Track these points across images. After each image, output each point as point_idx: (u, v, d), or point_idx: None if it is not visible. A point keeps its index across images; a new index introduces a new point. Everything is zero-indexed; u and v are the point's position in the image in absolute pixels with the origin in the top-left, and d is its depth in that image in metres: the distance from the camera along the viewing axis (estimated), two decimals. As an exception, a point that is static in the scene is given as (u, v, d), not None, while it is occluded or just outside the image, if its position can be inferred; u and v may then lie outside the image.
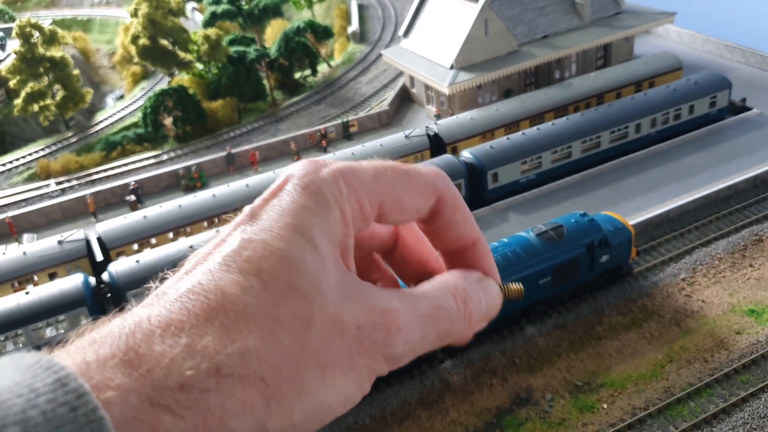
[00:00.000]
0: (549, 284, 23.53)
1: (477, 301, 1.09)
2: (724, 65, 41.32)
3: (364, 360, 0.91)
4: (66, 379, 0.72)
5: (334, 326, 0.89)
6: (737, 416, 20.43)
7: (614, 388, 21.78)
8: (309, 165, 0.98)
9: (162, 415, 0.77)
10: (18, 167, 42.63)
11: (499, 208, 30.35)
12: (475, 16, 36.65)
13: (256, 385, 0.82)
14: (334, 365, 0.89)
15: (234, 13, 48.35)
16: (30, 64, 43.63)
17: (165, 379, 0.79)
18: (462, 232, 1.15)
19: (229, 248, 0.90)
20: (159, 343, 0.80)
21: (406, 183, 1.06)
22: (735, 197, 29.88)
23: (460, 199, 1.14)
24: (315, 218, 0.92)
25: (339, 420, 21.63)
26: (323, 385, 0.88)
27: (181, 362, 0.80)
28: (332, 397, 0.89)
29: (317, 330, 0.88)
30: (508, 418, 21.22)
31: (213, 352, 0.81)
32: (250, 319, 0.84)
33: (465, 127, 34.30)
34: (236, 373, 0.81)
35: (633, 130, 33.38)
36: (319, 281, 0.89)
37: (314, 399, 0.87)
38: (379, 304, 0.95)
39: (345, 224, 0.96)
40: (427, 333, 0.99)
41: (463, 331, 1.05)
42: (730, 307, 24.41)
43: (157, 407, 0.77)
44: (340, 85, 48.13)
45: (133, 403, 0.76)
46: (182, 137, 42.95)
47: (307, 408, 0.87)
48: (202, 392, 0.79)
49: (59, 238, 27.66)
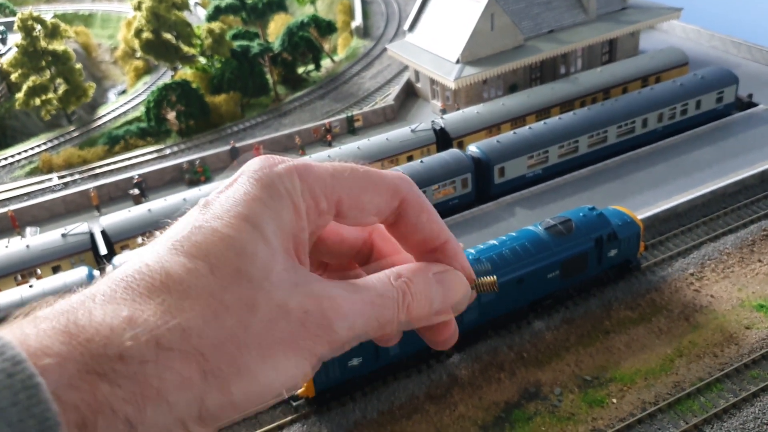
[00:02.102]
0: (558, 278, 23.37)
1: (423, 292, 1.11)
2: (730, 61, 41.13)
3: (307, 343, 0.94)
4: (3, 348, 0.75)
5: (279, 312, 0.92)
6: (748, 411, 20.28)
7: (623, 383, 21.62)
8: (265, 160, 1.02)
9: (99, 383, 0.79)
10: (20, 161, 42.42)
11: (505, 203, 30.17)
12: (481, 10, 36.45)
13: (195, 361, 0.85)
14: (276, 348, 0.91)
15: (238, 7, 48.13)
16: (32, 58, 43.37)
17: (104, 348, 0.81)
18: (429, 233, 1.18)
19: (179, 233, 0.93)
20: (100, 316, 0.83)
21: (364, 182, 1.10)
22: (743, 192, 29.71)
23: (425, 201, 1.18)
24: (266, 209, 0.97)
25: (346, 414, 21.49)
26: (263, 366, 0.90)
27: (121, 333, 0.82)
28: (273, 377, 0.91)
29: (262, 314, 0.91)
30: (517, 413, 21.06)
31: (153, 326, 0.83)
32: (193, 298, 0.87)
33: (471, 121, 34.12)
34: (176, 347, 0.84)
35: (640, 125, 33.21)
36: (267, 270, 0.93)
37: (254, 378, 0.90)
38: (324, 292, 0.98)
39: (298, 218, 1.00)
40: (369, 320, 1.03)
41: (402, 319, 1.08)
42: (739, 302, 24.25)
43: (94, 375, 0.79)
44: (343, 80, 47.91)
45: (70, 371, 0.78)
46: (185, 132, 42.75)
47: (247, 387, 0.89)
48: (140, 363, 0.81)
49: (63, 231, 27.48)
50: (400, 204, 1.15)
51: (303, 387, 20.96)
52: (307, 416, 21.48)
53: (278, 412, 21.77)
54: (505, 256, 22.53)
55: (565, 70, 41.03)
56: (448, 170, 29.23)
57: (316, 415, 21.46)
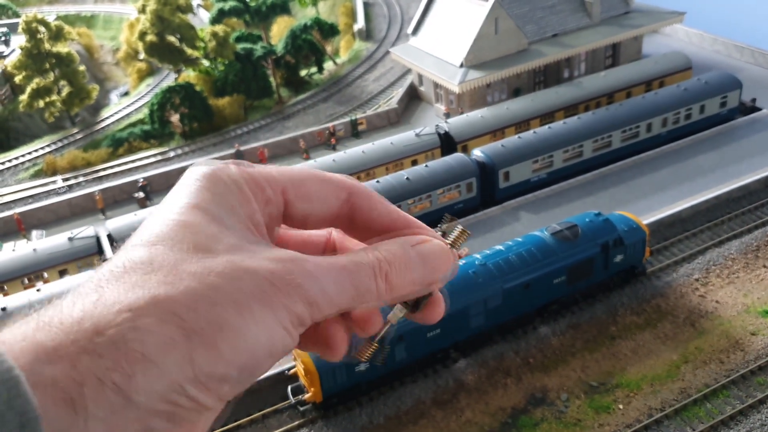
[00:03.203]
0: (564, 284, 23.43)
1: (401, 260, 1.13)
2: (734, 65, 41.20)
3: (280, 299, 0.96)
4: None
5: (245, 273, 0.96)
6: (754, 418, 20.36)
7: (630, 389, 21.69)
8: (210, 161, 1.10)
9: (79, 355, 0.82)
10: (24, 163, 42.47)
11: (510, 207, 30.24)
12: (485, 14, 36.52)
13: (173, 323, 0.87)
14: (251, 303, 0.94)
15: (241, 10, 48.16)
16: (36, 60, 43.42)
17: (78, 325, 0.85)
18: (387, 217, 1.21)
19: (136, 232, 1.01)
20: (69, 305, 0.88)
21: (308, 174, 1.16)
22: (747, 197, 29.78)
23: (375, 193, 1.21)
24: (213, 195, 1.04)
25: (353, 419, 21.55)
26: (243, 319, 0.92)
27: (92, 310, 0.86)
28: (255, 331, 0.93)
29: (227, 276, 0.94)
30: (524, 418, 21.12)
31: (124, 298, 0.88)
32: (158, 272, 0.92)
33: (475, 125, 34.18)
34: (150, 313, 0.87)
35: (644, 130, 33.28)
36: (226, 243, 0.99)
37: (237, 332, 0.91)
38: (289, 255, 1.03)
39: (246, 201, 1.07)
40: (344, 285, 1.04)
41: (381, 287, 1.09)
42: (745, 308, 24.32)
43: (72, 349, 0.82)
44: (346, 82, 47.96)
45: (47, 349, 0.82)
46: (189, 134, 42.80)
47: (233, 341, 0.91)
48: (118, 332, 0.84)
49: (70, 234, 27.52)
50: (349, 196, 1.18)
51: (310, 393, 21.03)
52: (314, 421, 21.53)
53: (285, 417, 21.83)
54: (512, 261, 22.59)
55: (568, 74, 41.10)
56: (453, 174, 29.30)
57: (323, 420, 21.51)
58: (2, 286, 26.07)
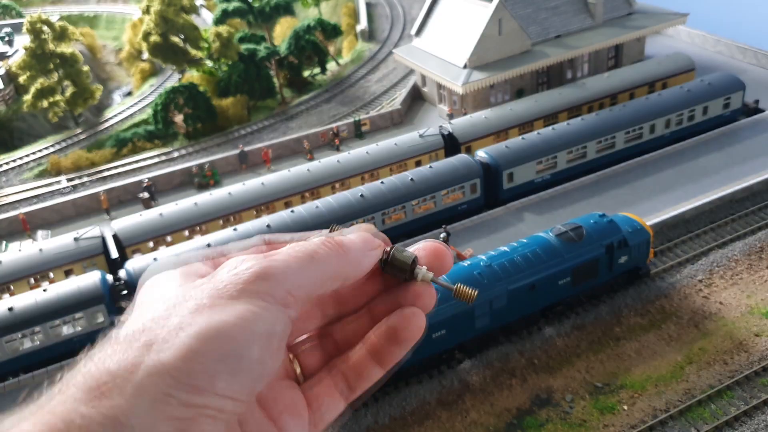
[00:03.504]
0: (569, 285, 23.50)
1: (342, 237, 1.35)
2: (736, 66, 41.28)
3: (254, 286, 1.13)
4: None
5: (199, 281, 1.19)
6: (759, 419, 20.42)
7: (634, 390, 21.76)
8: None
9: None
10: (28, 163, 42.54)
11: (514, 208, 30.31)
12: (489, 15, 36.59)
13: (143, 336, 1.06)
14: (213, 299, 1.10)
15: (245, 11, 48.25)
16: (40, 60, 43.52)
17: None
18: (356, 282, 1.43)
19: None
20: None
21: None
22: (750, 199, 29.85)
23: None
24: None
25: (358, 419, 21.62)
26: (203, 314, 1.07)
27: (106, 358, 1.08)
28: (220, 315, 1.07)
29: (180, 291, 1.15)
30: (529, 419, 21.19)
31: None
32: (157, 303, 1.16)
33: (479, 126, 34.25)
34: (127, 336, 1.09)
35: (647, 131, 33.35)
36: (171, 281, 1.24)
37: (196, 324, 1.05)
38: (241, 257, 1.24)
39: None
40: (306, 265, 1.21)
41: (344, 260, 1.29)
42: (749, 309, 24.39)
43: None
44: (349, 83, 48.04)
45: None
46: (192, 134, 42.89)
47: (198, 332, 1.04)
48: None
49: (75, 235, 27.60)
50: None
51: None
52: (320, 421, 21.57)
53: (291, 418, 21.87)
54: (517, 262, 22.66)
55: (571, 75, 41.18)
56: (457, 175, 29.38)
57: (328, 420, 21.54)
58: (8, 286, 26.15)
